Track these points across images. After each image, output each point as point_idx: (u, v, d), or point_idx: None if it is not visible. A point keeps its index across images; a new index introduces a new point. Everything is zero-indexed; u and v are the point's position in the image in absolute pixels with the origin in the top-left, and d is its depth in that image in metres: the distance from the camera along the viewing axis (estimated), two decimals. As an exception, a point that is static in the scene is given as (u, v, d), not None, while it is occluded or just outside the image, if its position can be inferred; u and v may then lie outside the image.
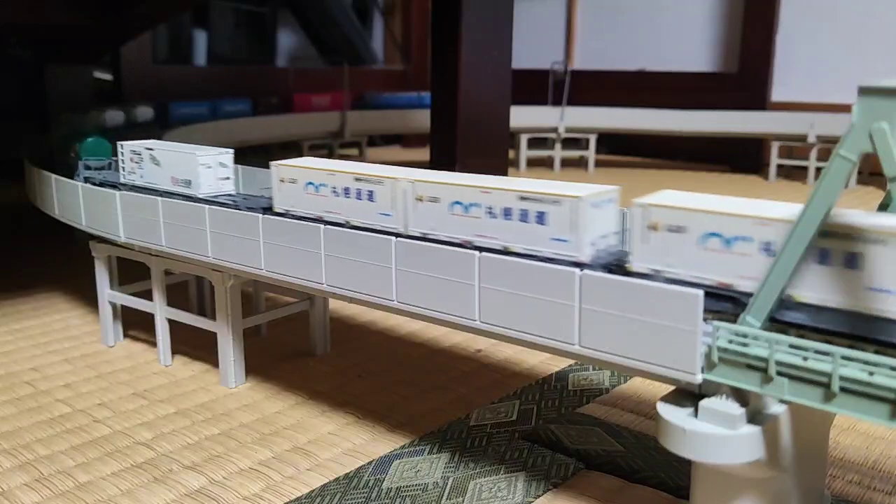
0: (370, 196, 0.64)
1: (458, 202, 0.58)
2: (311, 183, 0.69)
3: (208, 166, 0.82)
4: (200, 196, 0.81)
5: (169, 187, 0.85)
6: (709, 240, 0.49)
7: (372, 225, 0.65)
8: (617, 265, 0.53)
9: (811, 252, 0.44)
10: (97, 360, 0.94)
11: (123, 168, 0.91)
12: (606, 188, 0.55)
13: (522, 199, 0.55)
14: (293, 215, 0.71)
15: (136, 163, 0.88)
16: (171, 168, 0.84)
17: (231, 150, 0.85)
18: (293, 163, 0.72)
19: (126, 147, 0.90)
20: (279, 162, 0.72)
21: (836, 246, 0.44)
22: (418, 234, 0.62)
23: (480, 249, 0.58)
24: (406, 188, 0.62)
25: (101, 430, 0.76)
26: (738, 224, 0.48)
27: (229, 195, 0.82)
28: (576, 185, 0.56)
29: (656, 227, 0.51)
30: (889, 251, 0.41)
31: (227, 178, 0.83)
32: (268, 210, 0.74)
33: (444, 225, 0.60)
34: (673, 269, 0.51)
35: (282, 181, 0.72)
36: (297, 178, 0.71)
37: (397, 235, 0.62)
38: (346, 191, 0.66)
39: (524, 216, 0.55)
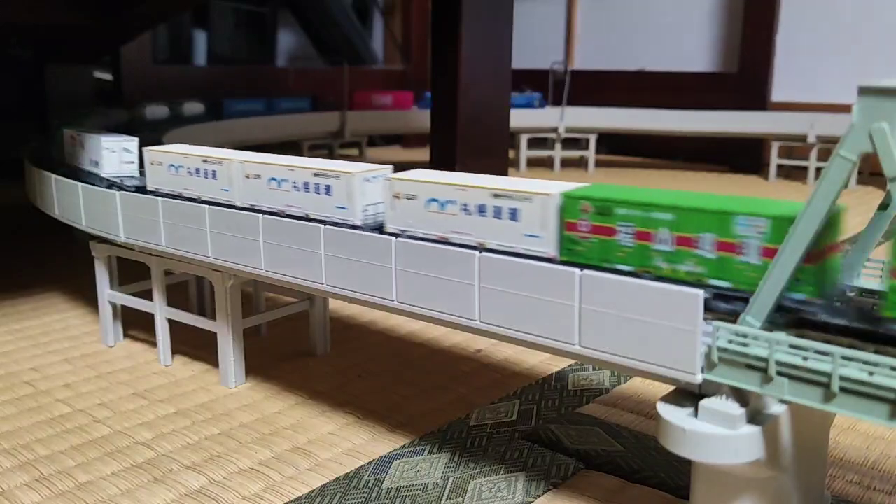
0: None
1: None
2: (172, 166, 0.83)
3: (112, 150, 0.93)
4: (104, 175, 0.93)
5: (86, 167, 0.98)
6: (430, 204, 0.61)
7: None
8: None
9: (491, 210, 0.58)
10: (97, 360, 0.94)
11: (66, 152, 1.05)
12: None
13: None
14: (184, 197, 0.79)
15: (73, 146, 1.03)
16: (89, 151, 0.97)
17: (136, 139, 0.96)
18: (166, 149, 0.85)
19: (66, 133, 1.04)
20: (152, 148, 0.87)
21: (503, 204, 0.57)
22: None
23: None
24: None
25: (101, 430, 0.76)
26: (445, 191, 0.60)
27: (131, 177, 0.94)
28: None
29: (398, 196, 0.63)
30: (532, 206, 0.55)
31: (132, 163, 0.95)
32: (141, 189, 0.86)
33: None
34: (412, 229, 0.63)
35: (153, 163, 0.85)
36: (162, 161, 0.84)
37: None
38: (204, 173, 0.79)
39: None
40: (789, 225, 0.44)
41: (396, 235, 0.62)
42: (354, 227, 0.65)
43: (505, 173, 1.54)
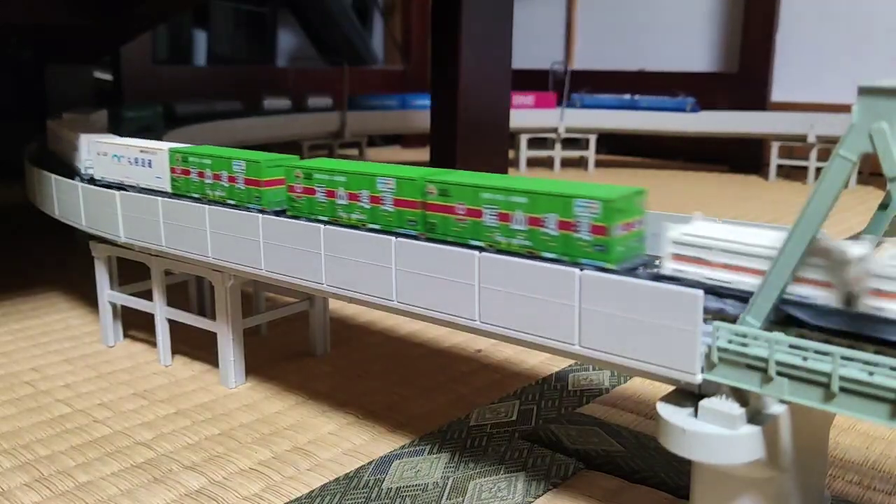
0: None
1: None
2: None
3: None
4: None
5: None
6: (113, 158, 0.90)
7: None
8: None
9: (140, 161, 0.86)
10: (97, 360, 0.94)
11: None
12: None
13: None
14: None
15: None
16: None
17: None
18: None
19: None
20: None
21: (145, 157, 0.86)
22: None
23: (480, 249, 0.58)
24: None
25: (101, 430, 0.76)
26: (119, 149, 0.90)
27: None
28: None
29: (100, 154, 0.93)
30: (158, 158, 0.84)
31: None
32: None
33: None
34: (107, 177, 0.92)
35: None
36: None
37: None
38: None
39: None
40: (616, 206, 0.51)
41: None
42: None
43: (505, 173, 1.54)
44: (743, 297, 0.48)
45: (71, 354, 0.96)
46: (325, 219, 0.68)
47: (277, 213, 0.72)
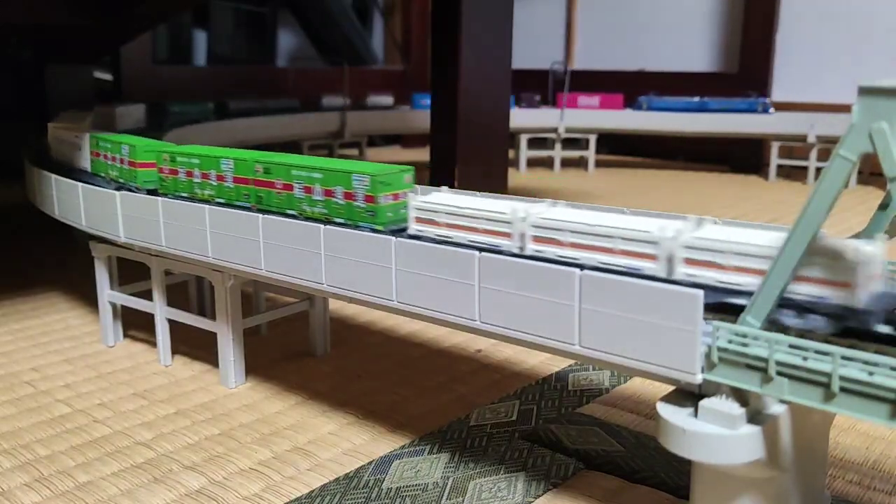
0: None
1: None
2: None
3: None
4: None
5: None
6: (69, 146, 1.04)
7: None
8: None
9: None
10: (97, 360, 0.94)
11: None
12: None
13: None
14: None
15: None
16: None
17: None
18: None
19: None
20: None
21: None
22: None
23: (481, 250, 0.58)
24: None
25: (101, 430, 0.76)
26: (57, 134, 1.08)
27: None
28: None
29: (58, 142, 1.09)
30: (83, 143, 1.00)
31: None
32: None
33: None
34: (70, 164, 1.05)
35: None
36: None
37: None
38: None
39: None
40: (381, 180, 0.64)
41: (396, 235, 0.62)
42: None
43: (505, 173, 1.54)
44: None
45: (71, 354, 0.96)
46: (186, 195, 0.81)
47: (150, 192, 0.84)
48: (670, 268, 0.50)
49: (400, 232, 0.63)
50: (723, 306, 0.49)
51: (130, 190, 0.86)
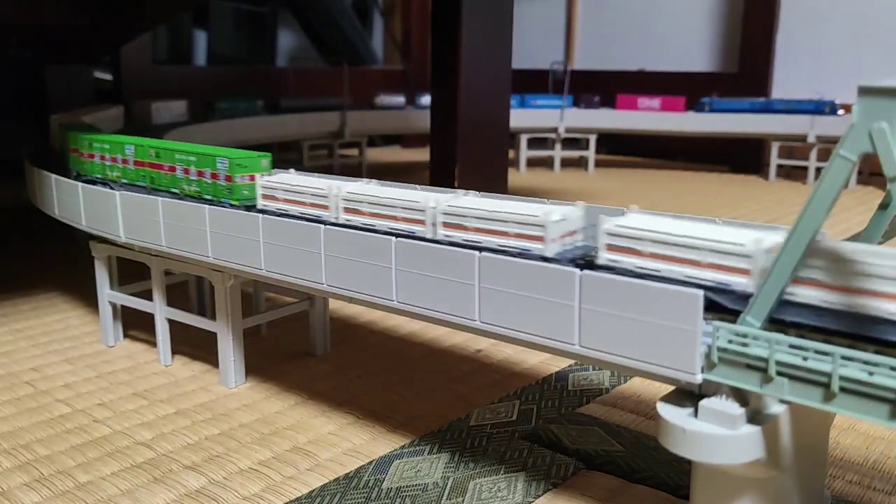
0: None
1: None
2: None
3: None
4: None
5: None
6: None
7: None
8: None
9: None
10: (97, 360, 0.94)
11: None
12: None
13: None
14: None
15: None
16: None
17: None
18: None
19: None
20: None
21: None
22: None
23: (481, 250, 0.58)
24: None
25: (101, 430, 0.76)
26: None
27: None
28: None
29: None
30: None
31: None
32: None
33: None
34: None
35: None
36: None
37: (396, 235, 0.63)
38: None
39: None
40: (238, 163, 0.77)
41: (395, 236, 0.62)
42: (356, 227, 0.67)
43: (505, 173, 1.54)
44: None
45: (71, 354, 0.96)
46: (100, 176, 0.94)
47: (77, 176, 0.96)
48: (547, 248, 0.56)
49: (250, 208, 0.74)
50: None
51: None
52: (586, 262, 0.54)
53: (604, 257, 0.53)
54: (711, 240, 0.49)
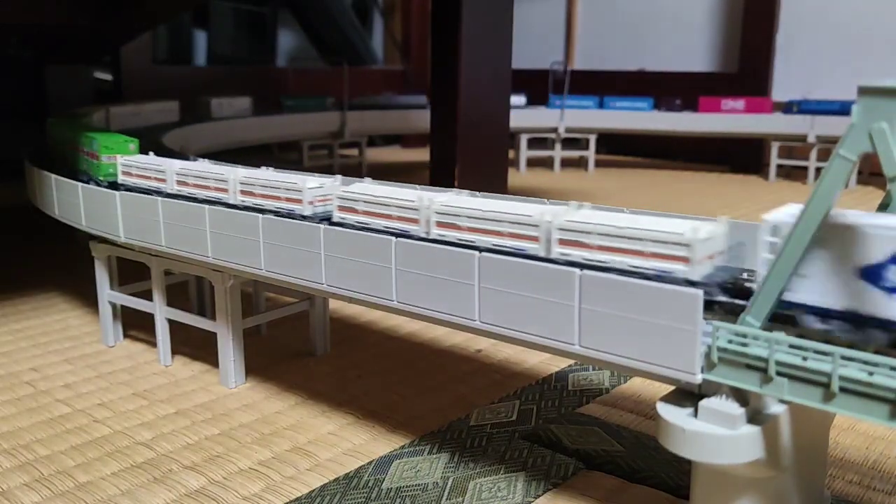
0: None
1: None
2: None
3: None
4: None
5: None
6: None
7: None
8: None
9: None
10: (97, 360, 0.94)
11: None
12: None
13: None
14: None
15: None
16: None
17: None
18: None
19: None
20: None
21: None
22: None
23: (480, 250, 0.58)
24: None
25: (101, 430, 0.76)
26: None
27: None
28: None
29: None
30: None
31: None
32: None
33: None
34: None
35: None
36: None
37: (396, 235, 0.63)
38: None
39: None
40: (104, 144, 0.91)
41: (396, 235, 0.62)
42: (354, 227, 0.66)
43: (505, 173, 1.54)
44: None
45: (71, 354, 0.96)
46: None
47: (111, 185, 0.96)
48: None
49: (113, 185, 0.86)
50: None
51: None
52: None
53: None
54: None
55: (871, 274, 0.41)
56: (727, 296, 0.48)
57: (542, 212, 0.56)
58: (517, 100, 2.71)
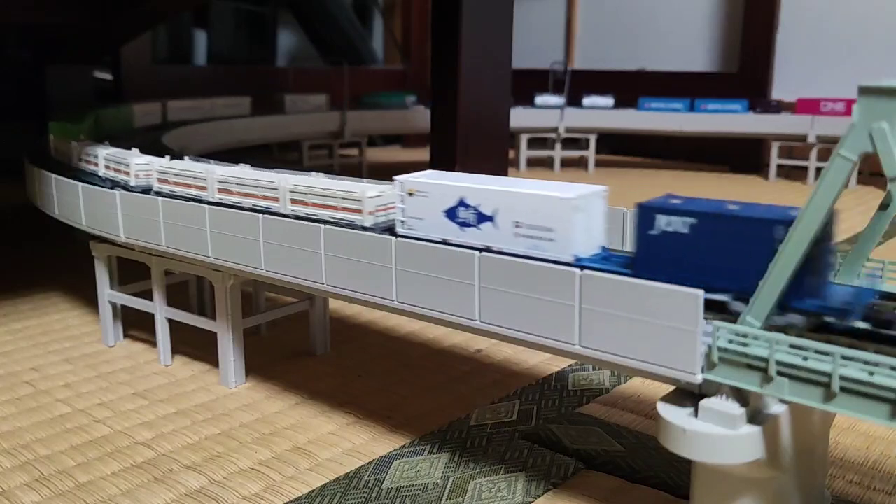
0: None
1: None
2: None
3: None
4: None
5: None
6: None
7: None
8: None
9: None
10: (97, 360, 0.94)
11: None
12: None
13: None
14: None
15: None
16: None
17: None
18: None
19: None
20: None
21: None
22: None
23: (481, 250, 0.58)
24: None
25: (101, 430, 0.76)
26: None
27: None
28: None
29: None
30: None
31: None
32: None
33: None
34: None
35: None
36: None
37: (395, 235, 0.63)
38: None
39: None
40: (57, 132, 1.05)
41: (397, 236, 0.63)
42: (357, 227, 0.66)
43: (505, 173, 1.54)
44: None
45: (71, 354, 0.96)
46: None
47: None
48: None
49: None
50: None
51: None
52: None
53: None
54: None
55: (451, 214, 0.61)
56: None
57: (285, 179, 0.74)
58: (604, 101, 2.66)
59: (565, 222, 0.54)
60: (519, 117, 2.48)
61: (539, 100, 2.70)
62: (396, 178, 0.64)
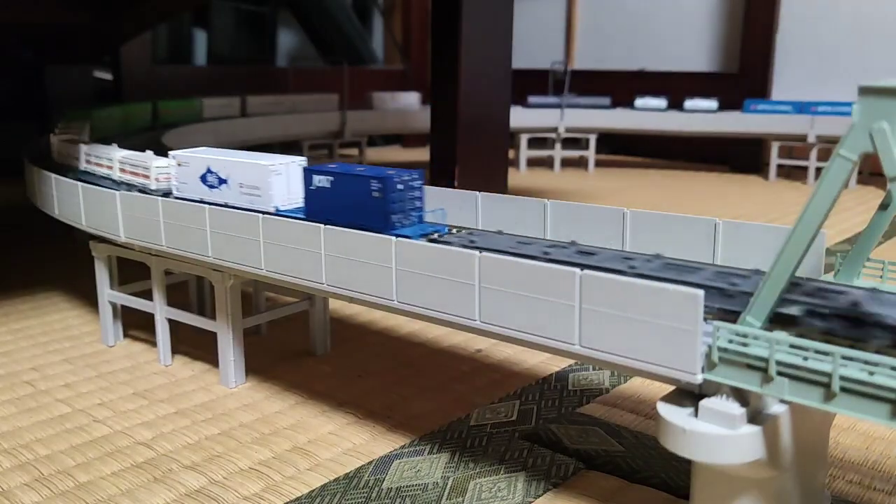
0: None
1: None
2: None
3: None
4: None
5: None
6: None
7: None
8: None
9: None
10: (97, 360, 0.94)
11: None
12: None
13: None
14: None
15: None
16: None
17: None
18: None
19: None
20: None
21: None
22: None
23: (481, 250, 0.58)
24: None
25: (101, 430, 0.76)
26: None
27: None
28: None
29: None
30: None
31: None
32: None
33: None
34: None
35: None
36: None
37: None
38: None
39: None
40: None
41: (397, 236, 0.63)
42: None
43: (505, 173, 1.54)
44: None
45: (71, 354, 0.96)
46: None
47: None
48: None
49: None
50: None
51: None
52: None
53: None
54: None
55: (203, 179, 0.79)
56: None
57: (119, 154, 0.94)
58: (657, 102, 2.62)
59: (267, 183, 0.74)
60: (519, 117, 2.48)
61: (533, 100, 2.70)
62: (171, 152, 0.83)
